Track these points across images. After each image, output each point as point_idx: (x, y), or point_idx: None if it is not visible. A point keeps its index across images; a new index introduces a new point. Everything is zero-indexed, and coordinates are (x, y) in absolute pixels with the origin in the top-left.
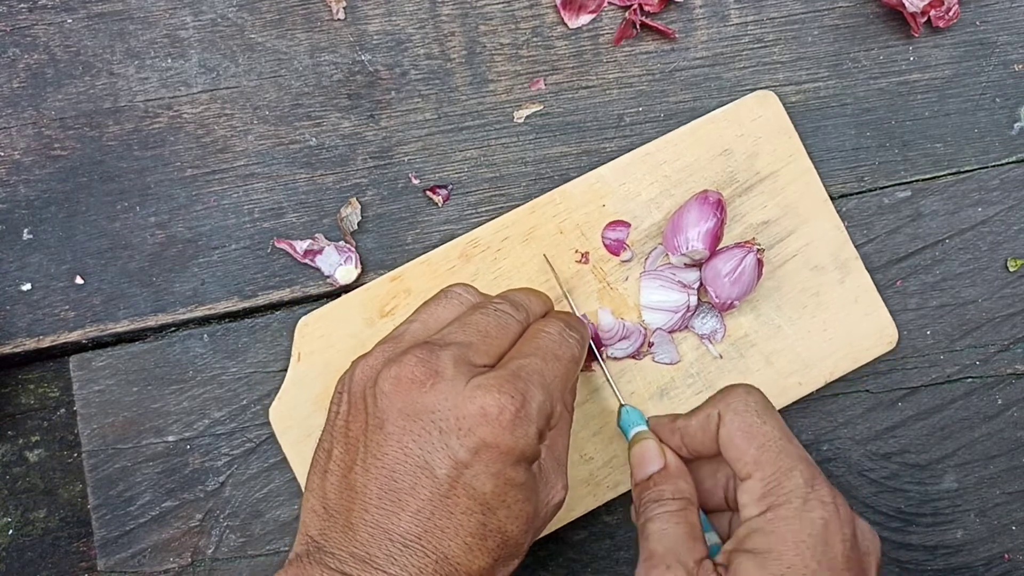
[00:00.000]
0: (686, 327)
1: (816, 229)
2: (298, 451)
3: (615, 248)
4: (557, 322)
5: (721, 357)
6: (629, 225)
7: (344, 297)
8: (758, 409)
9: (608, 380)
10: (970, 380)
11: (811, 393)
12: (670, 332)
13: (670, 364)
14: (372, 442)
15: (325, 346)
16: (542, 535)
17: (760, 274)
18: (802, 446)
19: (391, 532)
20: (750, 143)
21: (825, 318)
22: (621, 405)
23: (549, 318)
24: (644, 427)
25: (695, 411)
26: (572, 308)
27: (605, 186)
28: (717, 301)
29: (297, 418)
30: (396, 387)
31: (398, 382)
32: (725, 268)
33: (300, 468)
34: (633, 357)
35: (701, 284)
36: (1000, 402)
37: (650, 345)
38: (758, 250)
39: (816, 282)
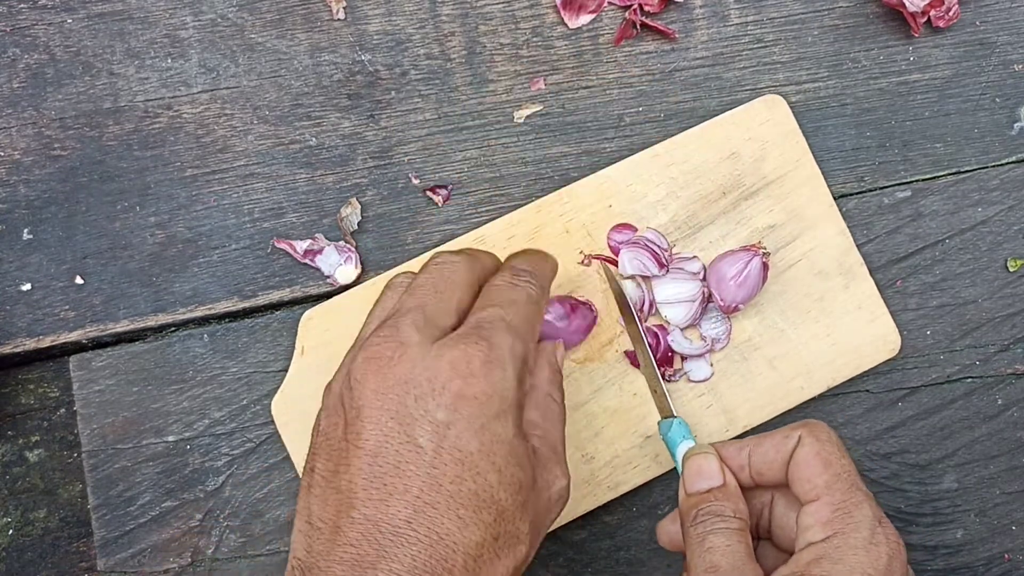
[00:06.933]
0: (700, 321)
1: (821, 234)
2: (299, 444)
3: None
4: (504, 272)
5: (712, 366)
6: (635, 229)
7: (349, 292)
8: (839, 444)
9: (661, 386)
10: (970, 380)
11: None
12: (686, 327)
13: (703, 381)
14: (352, 434)
15: (329, 340)
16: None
17: (765, 278)
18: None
19: (380, 523)
20: (757, 147)
21: (828, 323)
22: (673, 416)
23: (498, 272)
24: (693, 441)
25: (769, 434)
26: (637, 321)
27: (612, 186)
28: (722, 304)
29: (299, 411)
30: (367, 369)
31: (367, 363)
32: (731, 271)
33: (301, 461)
34: (667, 380)
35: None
36: (1000, 402)
37: (684, 359)
38: (764, 254)
39: (820, 287)
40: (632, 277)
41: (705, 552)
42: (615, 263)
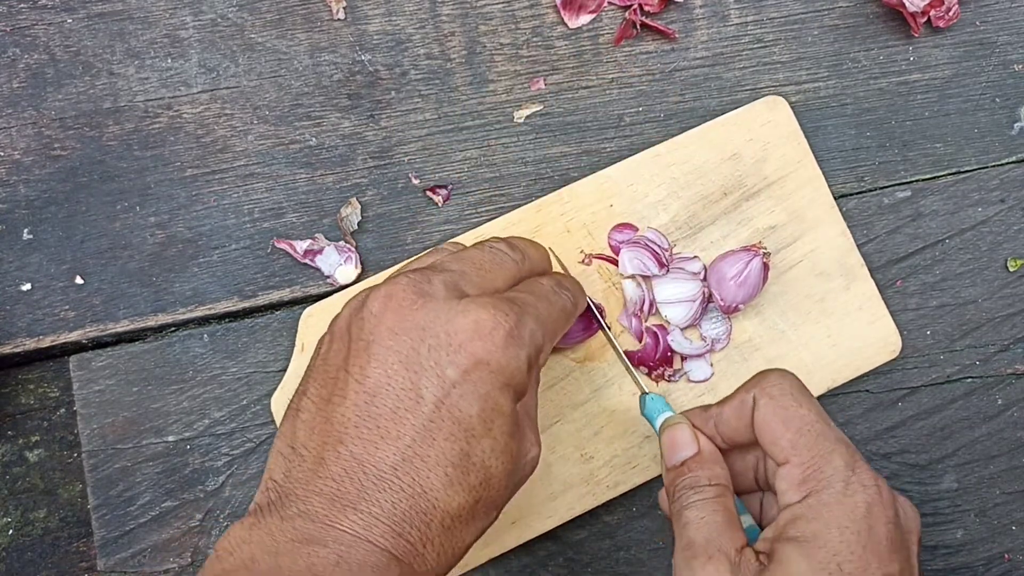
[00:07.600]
0: (700, 321)
1: (822, 235)
2: None
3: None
4: (552, 278)
5: (712, 367)
6: (636, 229)
7: (349, 289)
8: (793, 392)
9: (629, 368)
10: (970, 380)
11: None
12: (687, 327)
13: (703, 381)
14: (354, 366)
15: None
16: (538, 533)
17: (766, 278)
18: (839, 429)
19: (366, 464)
20: (759, 148)
21: (829, 324)
22: (644, 393)
23: (544, 275)
24: (671, 413)
25: (728, 398)
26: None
27: (613, 186)
28: (722, 304)
29: None
30: (386, 305)
31: (388, 299)
32: (731, 271)
33: None
34: (667, 380)
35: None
36: (1000, 402)
37: (684, 359)
38: (764, 254)
39: (821, 288)
40: (632, 276)
41: (682, 529)
42: (614, 262)
